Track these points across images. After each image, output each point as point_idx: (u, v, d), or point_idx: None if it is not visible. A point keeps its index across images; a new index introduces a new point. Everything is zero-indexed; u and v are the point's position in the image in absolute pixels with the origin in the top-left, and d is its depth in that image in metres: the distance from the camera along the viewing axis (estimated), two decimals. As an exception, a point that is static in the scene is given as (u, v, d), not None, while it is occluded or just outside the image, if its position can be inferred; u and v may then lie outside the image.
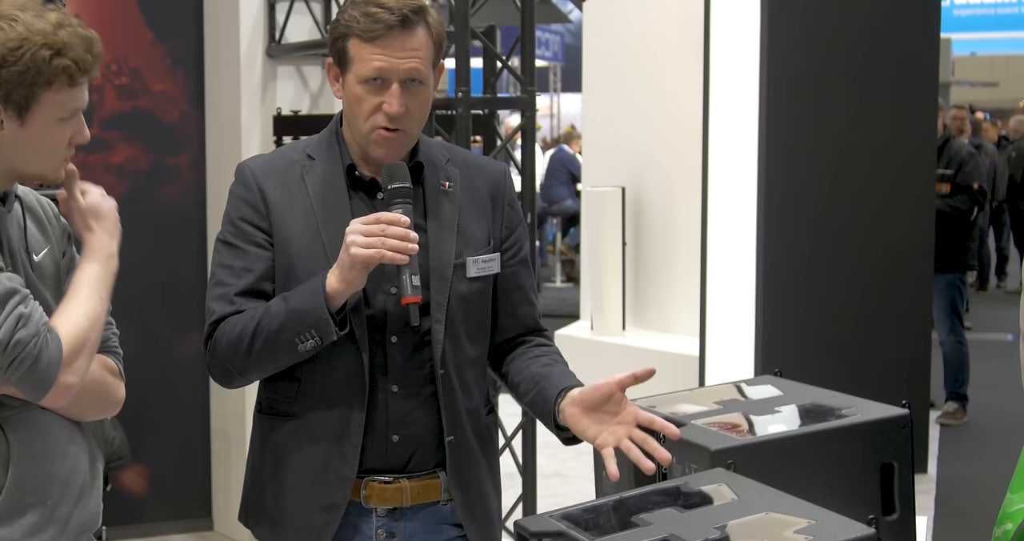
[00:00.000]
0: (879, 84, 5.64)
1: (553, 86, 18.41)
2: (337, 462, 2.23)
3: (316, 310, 2.11)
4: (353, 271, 2.11)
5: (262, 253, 2.22)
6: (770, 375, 2.17)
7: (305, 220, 2.23)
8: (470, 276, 2.27)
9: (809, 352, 5.50)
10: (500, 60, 4.73)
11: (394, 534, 2.27)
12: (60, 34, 1.90)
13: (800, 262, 5.55)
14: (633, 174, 7.23)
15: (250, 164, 2.30)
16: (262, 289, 2.21)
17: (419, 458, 2.26)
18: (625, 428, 2.08)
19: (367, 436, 2.22)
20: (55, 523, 2.00)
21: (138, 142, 4.99)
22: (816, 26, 5.55)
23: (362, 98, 2.17)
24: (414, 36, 2.17)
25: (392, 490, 2.25)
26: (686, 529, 1.50)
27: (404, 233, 2.10)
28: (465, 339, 2.27)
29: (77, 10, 4.72)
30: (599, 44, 7.66)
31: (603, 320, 7.17)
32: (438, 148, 2.34)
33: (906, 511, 1.90)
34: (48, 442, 1.99)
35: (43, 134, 1.95)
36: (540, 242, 13.40)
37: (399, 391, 2.23)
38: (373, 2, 2.16)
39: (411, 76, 2.17)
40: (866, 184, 5.65)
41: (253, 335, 2.16)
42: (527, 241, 2.41)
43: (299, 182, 2.25)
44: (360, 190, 2.26)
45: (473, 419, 2.30)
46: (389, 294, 2.21)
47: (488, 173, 2.36)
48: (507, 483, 5.27)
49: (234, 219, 2.25)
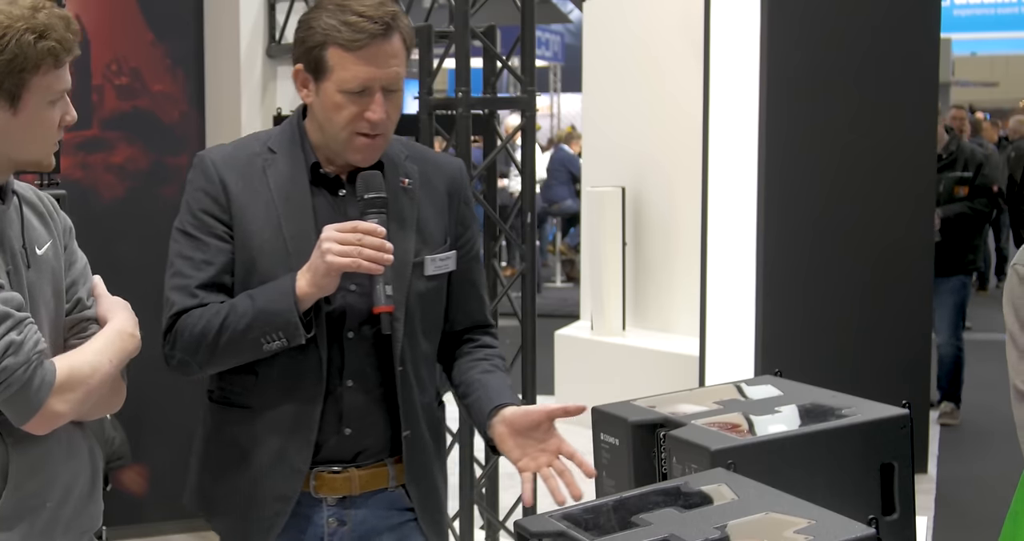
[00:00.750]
0: (879, 84, 5.65)
1: (553, 86, 18.41)
2: (290, 455, 2.26)
3: (285, 312, 2.14)
4: (327, 277, 2.14)
5: (223, 246, 2.24)
6: (770, 375, 2.16)
7: (266, 215, 2.24)
8: (428, 274, 2.31)
9: (809, 352, 5.50)
10: (500, 60, 4.73)
11: (345, 522, 2.31)
12: (39, 17, 1.91)
13: (800, 262, 5.55)
14: (633, 174, 7.23)
15: (211, 155, 2.31)
16: (222, 282, 2.23)
17: (369, 450, 2.31)
18: (547, 457, 2.20)
19: (320, 429, 2.25)
20: (56, 526, 2.00)
21: (138, 142, 4.99)
22: (816, 26, 5.55)
23: (342, 106, 2.19)
24: (393, 44, 2.19)
25: (341, 480, 2.29)
26: (686, 529, 1.50)
27: (380, 243, 2.14)
28: (421, 336, 2.32)
29: (77, 10, 4.72)
30: (599, 44, 7.66)
31: (603, 320, 7.17)
32: (396, 145, 2.36)
33: (906, 511, 1.90)
34: (48, 445, 1.98)
35: (35, 119, 1.95)
36: (540, 242, 13.40)
37: (353, 386, 2.27)
38: (350, 10, 2.17)
39: (392, 85, 2.20)
40: (866, 184, 5.65)
41: (218, 331, 2.17)
42: (479, 237, 2.46)
43: (261, 175, 2.26)
44: (322, 187, 2.28)
45: (427, 413, 2.36)
46: (348, 291, 2.24)
47: (445, 170, 2.39)
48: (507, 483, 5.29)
49: (195, 210, 2.26)
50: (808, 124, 5.52)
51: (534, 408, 2.23)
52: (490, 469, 4.74)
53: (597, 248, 7.23)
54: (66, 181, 4.41)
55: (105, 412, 2.11)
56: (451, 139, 4.50)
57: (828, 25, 5.57)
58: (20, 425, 1.90)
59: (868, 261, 5.68)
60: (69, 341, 2.05)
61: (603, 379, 6.72)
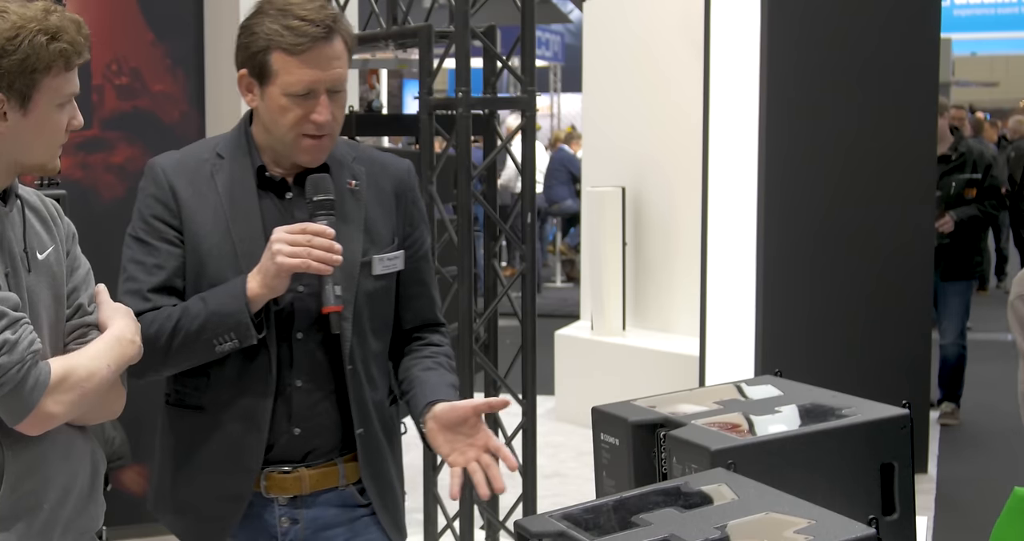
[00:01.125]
0: (879, 84, 5.65)
1: (553, 86, 18.40)
2: (242, 455, 2.30)
3: (236, 314, 2.19)
4: (277, 278, 2.19)
5: (173, 250, 2.29)
6: (770, 375, 2.16)
7: (215, 218, 2.29)
8: (376, 274, 2.35)
9: (809, 352, 5.51)
10: (500, 60, 4.72)
11: (297, 521, 2.35)
12: (52, 19, 1.93)
13: (800, 262, 5.55)
14: (633, 174, 7.23)
15: (161, 161, 2.35)
16: (174, 286, 2.28)
17: (319, 449, 2.34)
18: (475, 451, 2.23)
19: (270, 429, 2.29)
20: (55, 527, 2.00)
21: (138, 142, 4.99)
22: (817, 26, 5.55)
23: (288, 109, 2.23)
24: (335, 46, 2.24)
25: (291, 479, 2.33)
26: (686, 529, 1.50)
27: (329, 244, 2.19)
28: (371, 335, 2.36)
29: (77, 10, 4.71)
30: (599, 44, 7.66)
31: (603, 320, 7.17)
32: (344, 146, 2.41)
33: (906, 511, 1.89)
34: (44, 446, 1.98)
35: (44, 121, 1.96)
36: (540, 242, 13.40)
37: (303, 385, 2.31)
38: (292, 14, 2.21)
39: (336, 86, 2.24)
40: (866, 184, 5.66)
41: (172, 334, 2.21)
42: (428, 236, 2.49)
43: (209, 180, 2.31)
44: (270, 190, 2.32)
45: (379, 411, 2.39)
46: (297, 292, 2.28)
47: (393, 171, 2.42)
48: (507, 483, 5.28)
49: (146, 216, 2.31)
50: (808, 124, 5.53)
51: (460, 403, 2.27)
52: (490, 469, 4.74)
53: (597, 248, 7.23)
54: (66, 181, 4.41)
55: (106, 417, 2.11)
56: (451, 139, 4.50)
57: (828, 25, 5.57)
58: (13, 425, 1.90)
59: (868, 261, 5.68)
60: (69, 346, 2.06)
61: (603, 379, 6.72)
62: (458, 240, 4.44)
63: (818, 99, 5.54)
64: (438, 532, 4.71)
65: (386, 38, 4.96)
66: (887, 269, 5.74)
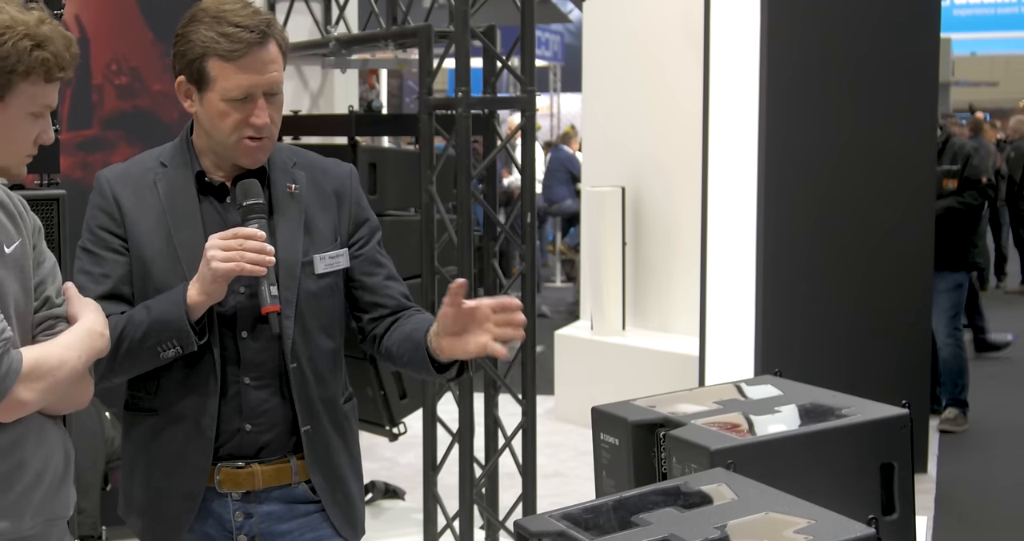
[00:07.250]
0: (879, 84, 5.65)
1: (553, 86, 18.39)
2: (193, 452, 2.38)
3: (177, 321, 2.26)
4: (214, 284, 2.26)
5: (119, 259, 2.36)
6: (770, 375, 2.17)
7: (157, 225, 2.37)
8: (318, 272, 2.42)
9: (809, 352, 5.50)
10: (500, 60, 4.72)
11: (251, 515, 2.42)
12: (43, 28, 1.98)
13: (800, 262, 5.55)
14: (633, 174, 7.23)
15: (106, 173, 2.44)
16: (121, 293, 2.36)
17: (272, 445, 2.41)
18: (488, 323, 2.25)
19: (221, 426, 2.37)
20: (26, 508, 2.03)
21: (138, 142, 4.99)
22: (816, 26, 5.55)
23: (227, 113, 2.31)
24: (270, 50, 2.32)
25: (244, 474, 2.40)
26: (686, 529, 1.50)
27: (261, 247, 2.26)
28: (317, 333, 2.42)
29: (77, 10, 4.73)
30: (599, 44, 7.66)
31: (603, 320, 7.17)
32: (285, 152, 2.50)
33: (906, 511, 1.90)
34: (18, 432, 2.02)
35: (14, 125, 2.01)
36: (540, 242, 13.40)
37: (251, 383, 2.38)
38: (226, 21, 2.30)
39: (273, 89, 2.32)
40: (866, 183, 5.66)
41: (118, 342, 2.28)
42: (378, 232, 2.54)
43: (152, 189, 2.39)
44: (210, 195, 2.40)
45: (329, 408, 2.45)
46: (239, 294, 2.35)
47: (334, 174, 2.51)
48: (507, 483, 5.29)
49: (92, 227, 2.39)
50: (808, 124, 5.53)
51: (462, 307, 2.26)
52: (490, 469, 4.74)
53: (597, 248, 7.23)
54: (66, 181, 4.41)
55: (73, 407, 2.16)
56: (451, 139, 4.50)
57: (828, 25, 5.57)
58: None
59: (868, 260, 5.68)
60: (37, 337, 2.09)
61: (603, 379, 6.72)
62: (458, 240, 4.44)
63: (818, 99, 5.54)
64: (438, 532, 4.71)
65: (386, 38, 4.97)
66: (886, 269, 5.73)
